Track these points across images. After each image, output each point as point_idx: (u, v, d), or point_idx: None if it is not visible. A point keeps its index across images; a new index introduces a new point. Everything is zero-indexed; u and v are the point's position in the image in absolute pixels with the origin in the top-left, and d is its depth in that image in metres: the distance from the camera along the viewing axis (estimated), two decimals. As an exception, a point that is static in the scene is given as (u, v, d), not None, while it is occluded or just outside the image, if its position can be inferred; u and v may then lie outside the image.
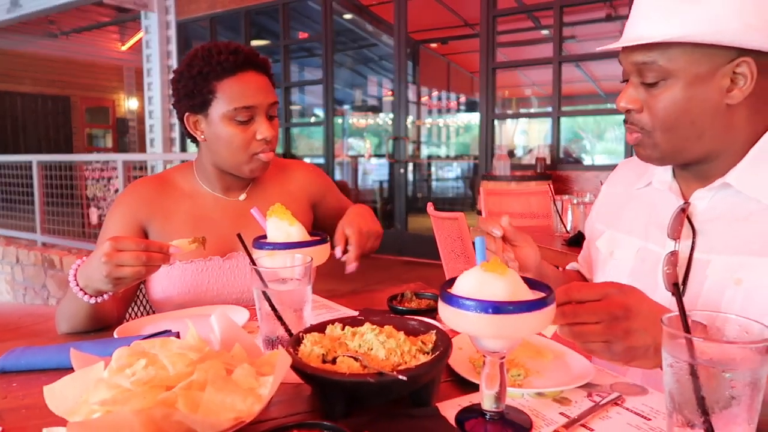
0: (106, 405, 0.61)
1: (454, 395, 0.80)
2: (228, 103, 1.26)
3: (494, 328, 0.64)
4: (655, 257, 1.00)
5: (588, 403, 0.77)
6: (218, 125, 1.28)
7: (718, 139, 0.92)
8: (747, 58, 0.86)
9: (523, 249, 1.05)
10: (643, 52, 0.89)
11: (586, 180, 5.10)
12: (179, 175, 1.42)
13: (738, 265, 0.88)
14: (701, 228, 0.94)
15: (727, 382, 0.55)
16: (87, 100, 12.80)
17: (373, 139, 10.08)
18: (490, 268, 0.68)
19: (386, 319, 0.87)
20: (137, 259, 0.99)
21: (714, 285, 0.90)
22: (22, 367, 0.92)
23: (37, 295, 6.00)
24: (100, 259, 0.99)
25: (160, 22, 7.58)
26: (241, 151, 1.30)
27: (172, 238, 1.30)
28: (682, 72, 0.88)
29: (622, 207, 1.12)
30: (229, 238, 1.34)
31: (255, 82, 1.29)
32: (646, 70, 0.90)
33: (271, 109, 1.32)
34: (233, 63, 1.26)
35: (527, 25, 7.46)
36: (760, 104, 0.90)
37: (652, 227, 1.03)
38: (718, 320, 0.62)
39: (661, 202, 1.03)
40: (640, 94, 0.93)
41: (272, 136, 1.30)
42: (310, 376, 0.71)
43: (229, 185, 1.40)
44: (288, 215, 1.05)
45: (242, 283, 1.35)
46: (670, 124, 0.91)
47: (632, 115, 0.95)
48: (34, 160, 6.49)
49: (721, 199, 0.94)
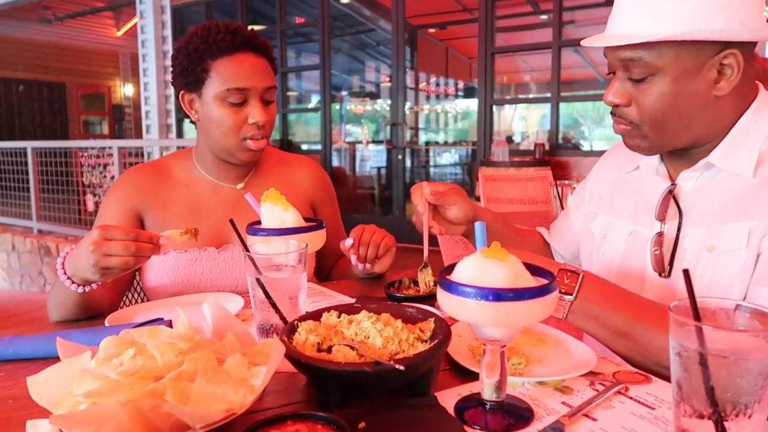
0: (92, 396, 0.58)
1: (453, 384, 0.78)
2: (221, 83, 1.23)
3: (495, 316, 0.62)
4: (644, 239, 1.02)
5: (590, 392, 0.75)
6: (211, 106, 1.25)
7: (706, 128, 0.94)
8: (733, 49, 0.87)
9: (452, 210, 1.12)
10: (631, 49, 0.90)
11: (584, 166, 5.07)
12: (176, 163, 1.39)
13: (710, 234, 0.92)
14: (686, 207, 0.97)
15: (738, 372, 0.53)
16: (82, 86, 12.69)
17: (370, 125, 10.01)
18: (491, 253, 0.65)
19: (383, 306, 0.85)
20: (126, 249, 0.96)
21: (691, 256, 0.93)
22: (10, 356, 0.90)
23: (33, 282, 5.98)
24: (88, 247, 0.96)
25: (155, 7, 7.47)
26: (231, 135, 1.26)
27: (167, 226, 1.28)
28: (670, 67, 0.89)
29: (614, 191, 1.14)
30: (224, 229, 1.32)
31: (251, 63, 1.25)
32: (633, 66, 0.91)
33: (267, 93, 1.27)
34: (229, 43, 1.23)
35: (526, 10, 7.39)
36: (745, 90, 0.93)
37: (641, 210, 1.05)
38: (727, 307, 0.60)
39: (649, 185, 1.05)
40: (627, 89, 0.94)
41: (265, 121, 1.26)
42: (305, 366, 0.69)
43: (227, 172, 1.37)
44: (282, 200, 1.03)
45: (237, 274, 1.32)
46: (658, 118, 0.93)
47: (620, 109, 0.96)
48: (29, 147, 6.44)
49: (706, 179, 0.96)
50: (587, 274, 0.86)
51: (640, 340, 0.82)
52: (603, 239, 1.11)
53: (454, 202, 1.11)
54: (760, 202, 0.88)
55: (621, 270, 1.05)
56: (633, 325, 0.83)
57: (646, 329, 0.82)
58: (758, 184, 0.89)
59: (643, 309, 0.84)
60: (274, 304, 0.86)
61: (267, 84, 1.27)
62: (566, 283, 0.84)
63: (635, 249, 1.04)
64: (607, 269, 1.07)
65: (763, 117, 0.93)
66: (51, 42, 11.53)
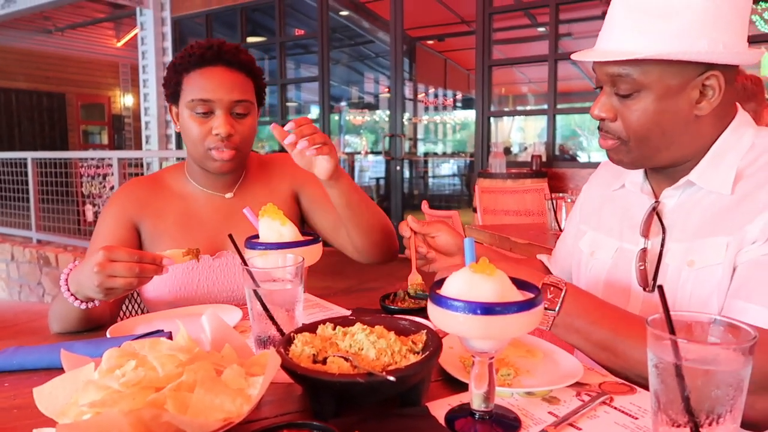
0: (96, 406, 0.61)
1: (444, 395, 0.80)
2: (189, 95, 1.29)
3: (483, 329, 0.65)
4: (629, 255, 1.05)
5: (577, 402, 0.78)
6: (184, 117, 1.31)
7: (686, 147, 0.97)
8: (716, 71, 0.91)
9: (439, 237, 1.18)
10: (619, 65, 0.93)
11: (581, 178, 5.10)
12: (171, 176, 1.43)
13: (690, 249, 0.95)
14: (668, 224, 1.00)
15: (712, 383, 0.56)
16: (82, 96, 12.75)
17: (369, 136, 10.07)
18: (479, 269, 0.68)
19: (377, 319, 0.87)
20: (130, 271, 0.99)
21: (672, 271, 0.96)
22: (14, 366, 0.92)
23: (32, 292, 5.99)
24: (93, 268, 0.98)
25: (155, 19, 7.56)
26: (198, 144, 1.30)
27: (163, 236, 1.32)
28: (655, 85, 0.92)
29: (601, 208, 1.17)
30: (218, 237, 1.35)
31: (220, 76, 1.29)
32: (620, 82, 0.94)
33: (237, 106, 1.30)
34: (200, 57, 1.29)
35: (523, 23, 7.45)
36: (724, 111, 0.96)
37: (626, 227, 1.08)
38: (702, 321, 0.63)
39: (634, 202, 1.08)
40: (614, 103, 0.97)
41: (227, 133, 1.27)
42: (301, 377, 0.72)
43: (214, 182, 1.41)
44: (280, 215, 1.06)
45: (232, 281, 1.35)
46: (643, 134, 0.96)
47: (606, 123, 0.99)
48: (29, 157, 6.46)
49: (687, 196, 0.99)
50: (570, 287, 0.89)
51: (621, 353, 0.85)
52: (591, 256, 1.13)
53: (438, 229, 1.18)
54: (736, 217, 0.91)
55: (607, 285, 1.07)
56: (613, 339, 0.86)
57: (625, 342, 0.84)
58: (735, 200, 0.92)
59: (623, 323, 0.87)
60: (271, 316, 0.89)
61: (235, 97, 1.29)
62: (549, 298, 0.87)
63: (621, 265, 1.06)
64: (594, 284, 1.10)
65: (740, 136, 0.97)
66: (51, 52, 11.61)
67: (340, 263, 1.28)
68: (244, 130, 1.32)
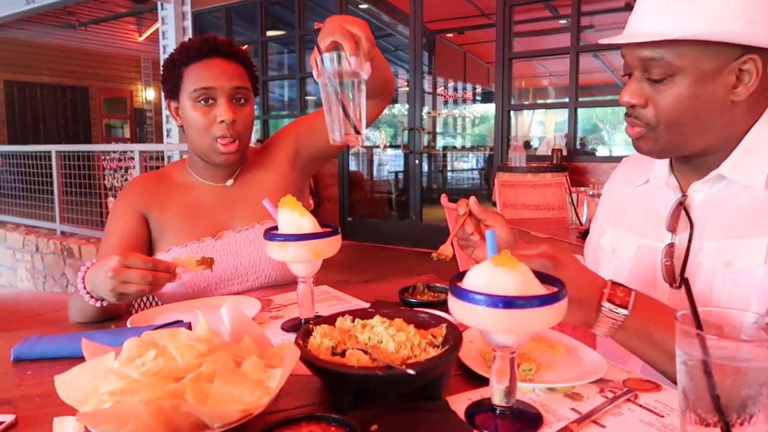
0: (116, 395, 0.61)
1: (464, 389, 0.79)
2: (191, 86, 1.34)
3: (504, 323, 0.63)
4: (654, 252, 1.01)
5: (600, 398, 0.76)
6: (186, 109, 1.36)
7: (718, 134, 0.93)
8: (753, 55, 0.87)
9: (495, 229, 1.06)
10: (652, 48, 0.89)
11: (602, 172, 5.04)
12: (175, 170, 1.51)
13: (726, 248, 0.91)
14: (697, 219, 0.96)
15: (743, 381, 0.54)
16: (105, 90, 12.93)
17: (388, 130, 10.04)
18: (501, 261, 0.67)
19: (396, 311, 0.86)
20: (143, 279, 1.01)
21: (706, 270, 0.93)
22: (37, 355, 0.93)
23: (56, 283, 6.10)
24: (107, 273, 1.00)
25: (176, 13, 7.59)
26: (204, 135, 1.35)
27: (169, 225, 1.40)
28: (690, 68, 0.88)
29: (623, 205, 1.14)
30: (219, 221, 1.43)
31: (219, 66, 1.35)
32: (652, 66, 0.91)
33: (237, 93, 1.36)
34: (198, 50, 1.35)
35: (545, 15, 7.36)
36: (758, 100, 0.93)
37: (651, 223, 1.04)
38: (734, 317, 0.61)
39: (659, 197, 1.05)
40: (644, 89, 0.94)
41: (232, 119, 1.33)
42: (319, 369, 0.71)
43: (214, 173, 1.46)
44: (299, 206, 1.05)
45: (235, 257, 1.40)
46: (675, 119, 0.92)
47: (636, 110, 0.95)
48: (53, 150, 6.58)
49: (717, 190, 0.96)
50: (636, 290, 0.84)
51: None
52: (612, 253, 1.11)
53: (496, 220, 1.08)
54: None
55: (630, 282, 1.05)
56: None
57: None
58: None
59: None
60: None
61: (235, 83, 1.36)
62: (620, 296, 0.82)
63: (644, 261, 1.04)
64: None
65: None
66: (75, 47, 11.78)
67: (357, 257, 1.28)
68: (245, 118, 1.38)
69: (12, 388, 0.83)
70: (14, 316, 5.25)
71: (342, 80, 1.04)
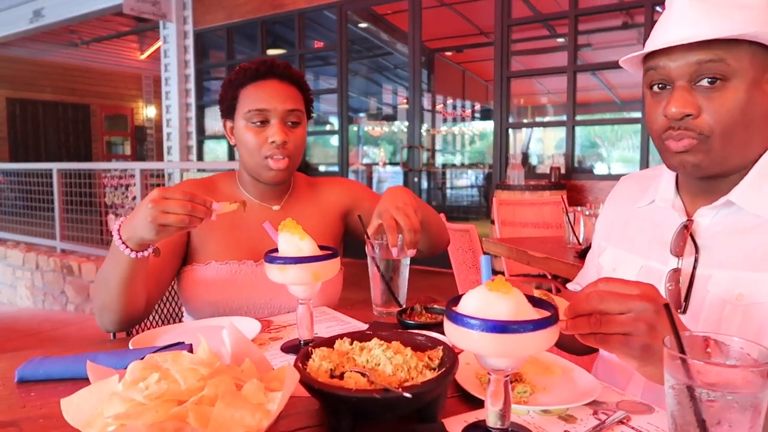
0: (120, 418, 0.62)
1: (460, 411, 0.81)
2: (246, 106, 1.37)
3: (498, 347, 0.65)
4: (657, 275, 0.99)
5: (593, 421, 0.78)
6: (240, 129, 1.40)
7: (757, 148, 0.90)
8: None
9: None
10: (706, 51, 0.85)
11: (600, 190, 5.07)
12: (223, 182, 1.52)
13: (738, 280, 0.88)
14: (704, 244, 0.94)
15: (728, 405, 0.56)
16: (106, 108, 13.03)
17: (387, 147, 10.10)
18: (495, 287, 0.69)
19: (394, 334, 0.88)
20: (183, 207, 1.04)
21: (715, 300, 0.90)
22: (41, 376, 0.94)
23: (55, 301, 6.09)
24: (147, 204, 1.04)
25: (178, 32, 7.70)
26: (255, 153, 1.38)
27: (210, 237, 1.41)
28: (746, 72, 0.85)
29: (625, 224, 1.12)
30: (261, 244, 1.37)
31: (273, 88, 1.38)
32: (706, 71, 0.85)
33: (290, 116, 1.39)
34: (255, 71, 1.39)
35: (542, 33, 7.46)
36: None
37: (655, 245, 1.02)
38: (720, 341, 0.63)
39: (665, 219, 1.02)
40: (694, 97, 0.88)
41: (282, 140, 1.36)
42: (318, 391, 0.73)
43: (263, 193, 1.48)
44: (299, 230, 1.07)
45: (272, 288, 1.35)
46: (731, 127, 0.87)
47: (685, 120, 0.88)
48: (54, 168, 6.60)
49: (725, 216, 0.93)
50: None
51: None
52: (613, 272, 1.08)
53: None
54: None
55: None
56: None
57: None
58: None
59: None
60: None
61: (288, 107, 1.38)
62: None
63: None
64: None
65: None
66: (77, 65, 11.90)
67: (356, 274, 1.29)
68: (297, 139, 1.41)
69: (16, 409, 0.85)
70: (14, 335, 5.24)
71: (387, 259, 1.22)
